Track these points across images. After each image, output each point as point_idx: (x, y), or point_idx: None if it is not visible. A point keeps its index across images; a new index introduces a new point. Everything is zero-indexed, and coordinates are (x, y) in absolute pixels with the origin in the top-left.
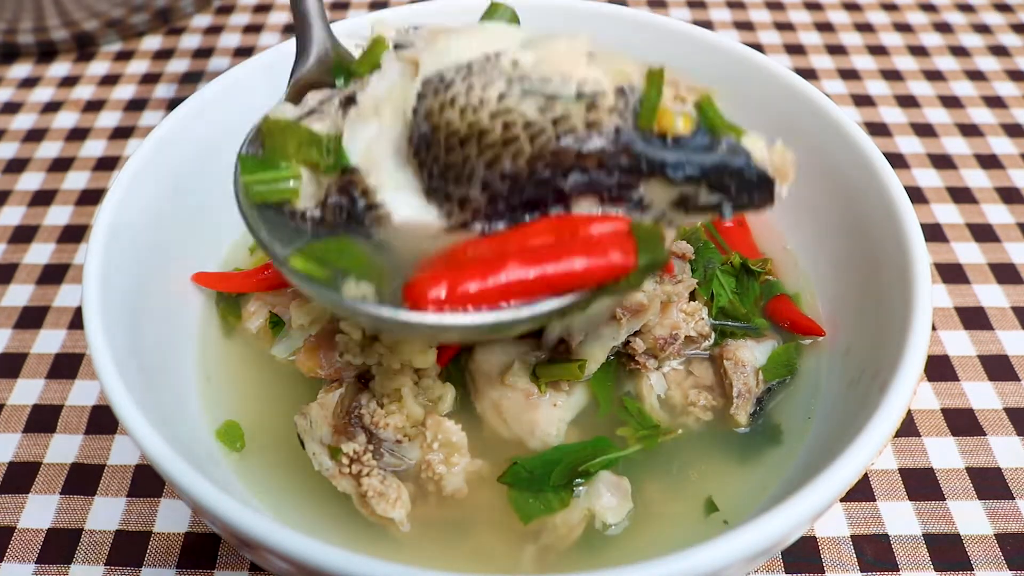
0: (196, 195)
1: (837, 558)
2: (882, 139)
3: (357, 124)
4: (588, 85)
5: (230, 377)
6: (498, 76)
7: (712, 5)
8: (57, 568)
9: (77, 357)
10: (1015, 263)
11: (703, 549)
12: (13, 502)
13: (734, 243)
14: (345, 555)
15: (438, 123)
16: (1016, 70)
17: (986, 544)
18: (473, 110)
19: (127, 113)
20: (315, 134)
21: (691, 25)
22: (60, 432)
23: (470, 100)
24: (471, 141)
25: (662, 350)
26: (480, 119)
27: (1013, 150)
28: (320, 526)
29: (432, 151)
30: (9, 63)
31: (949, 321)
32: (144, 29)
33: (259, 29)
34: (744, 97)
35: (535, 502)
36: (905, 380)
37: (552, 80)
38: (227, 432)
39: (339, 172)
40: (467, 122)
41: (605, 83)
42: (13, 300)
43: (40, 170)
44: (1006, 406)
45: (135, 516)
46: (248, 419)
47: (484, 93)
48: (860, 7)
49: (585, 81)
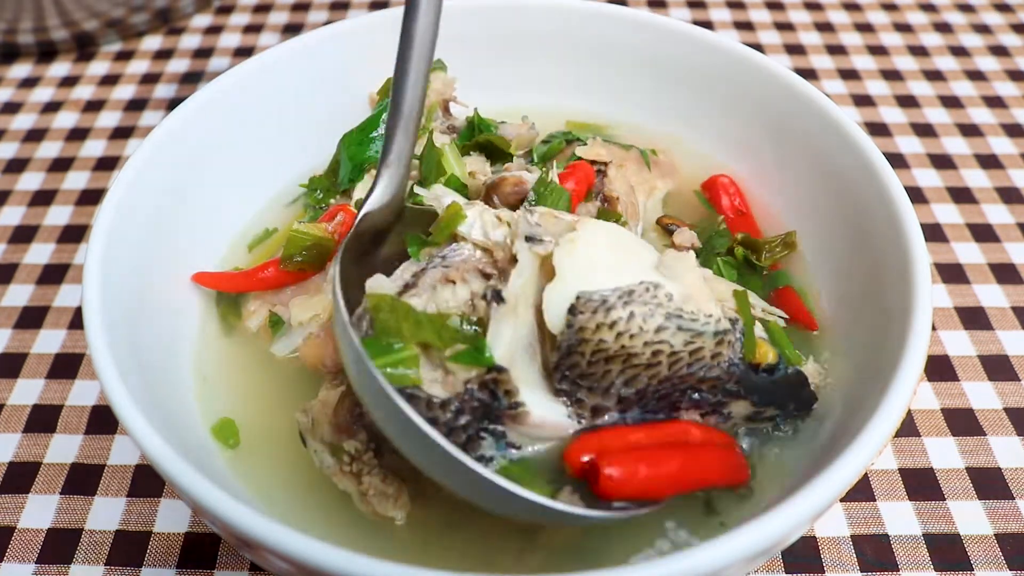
0: (196, 195)
1: (837, 558)
2: (882, 139)
3: (502, 322)
4: (721, 323)
5: (230, 376)
6: (656, 308)
7: (712, 5)
8: (57, 568)
9: (77, 357)
10: (1015, 263)
11: (703, 549)
12: (13, 502)
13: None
14: (345, 555)
15: (590, 339)
16: (1016, 70)
17: (986, 544)
18: (630, 336)
19: (127, 113)
20: (431, 318)
21: (691, 25)
22: (60, 432)
23: (630, 327)
24: (617, 359)
25: None
26: (634, 345)
27: (1013, 150)
28: (313, 523)
29: (572, 358)
30: (9, 63)
31: (949, 321)
32: (144, 29)
33: (259, 29)
34: (744, 97)
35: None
36: (905, 380)
37: (699, 318)
38: (222, 429)
39: (484, 369)
40: (620, 344)
41: (722, 317)
42: (13, 300)
43: (40, 170)
44: (1006, 406)
45: (135, 516)
46: (247, 417)
47: (644, 324)
48: (860, 7)
49: (719, 319)
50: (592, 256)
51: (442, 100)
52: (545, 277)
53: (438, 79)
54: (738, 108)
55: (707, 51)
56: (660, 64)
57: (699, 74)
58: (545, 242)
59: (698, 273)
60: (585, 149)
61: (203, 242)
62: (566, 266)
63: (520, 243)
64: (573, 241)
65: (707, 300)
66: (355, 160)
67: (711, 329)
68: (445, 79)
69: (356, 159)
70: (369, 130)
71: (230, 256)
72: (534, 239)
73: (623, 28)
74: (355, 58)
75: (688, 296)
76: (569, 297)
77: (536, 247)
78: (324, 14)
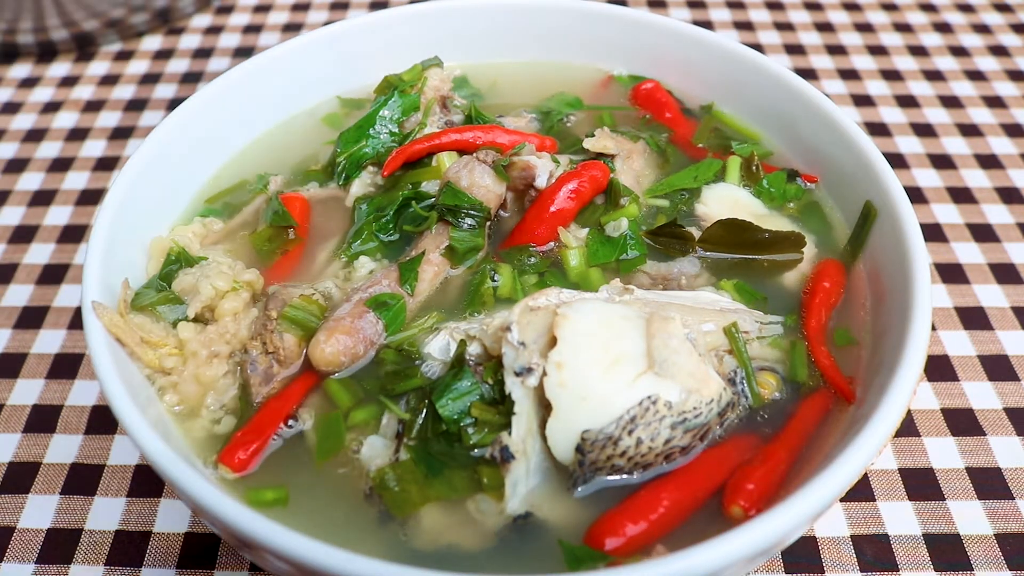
0: (196, 194)
1: (837, 558)
2: (882, 139)
3: (515, 470)
4: (723, 399)
5: None
6: (660, 423)
7: (712, 5)
8: (57, 568)
9: (77, 357)
10: (1015, 263)
11: (703, 549)
12: (13, 502)
13: None
14: (345, 555)
15: (603, 466)
16: (1016, 70)
17: (986, 544)
18: (641, 456)
19: (127, 113)
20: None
21: (691, 25)
22: (60, 432)
23: (640, 450)
24: (632, 465)
25: None
26: (647, 458)
27: (1013, 150)
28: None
29: (588, 476)
30: (9, 63)
31: (949, 321)
32: (144, 29)
33: (259, 29)
34: (744, 97)
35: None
36: (905, 380)
37: (701, 411)
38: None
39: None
40: (634, 463)
41: (723, 390)
42: (13, 300)
43: (40, 170)
44: (1006, 406)
45: (135, 516)
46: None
47: (653, 443)
48: (860, 7)
49: (720, 397)
50: (583, 373)
51: (439, 97)
52: (541, 404)
53: (435, 76)
54: (738, 108)
55: (707, 51)
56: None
57: (699, 74)
58: (534, 371)
59: (689, 348)
60: (592, 141)
61: None
62: (561, 398)
63: (511, 380)
64: (560, 366)
65: (705, 381)
66: (352, 157)
67: (716, 411)
68: (442, 76)
69: (353, 156)
70: (366, 127)
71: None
72: (523, 372)
73: (623, 28)
74: (355, 58)
75: (687, 390)
76: (571, 433)
77: (528, 380)
78: (324, 14)
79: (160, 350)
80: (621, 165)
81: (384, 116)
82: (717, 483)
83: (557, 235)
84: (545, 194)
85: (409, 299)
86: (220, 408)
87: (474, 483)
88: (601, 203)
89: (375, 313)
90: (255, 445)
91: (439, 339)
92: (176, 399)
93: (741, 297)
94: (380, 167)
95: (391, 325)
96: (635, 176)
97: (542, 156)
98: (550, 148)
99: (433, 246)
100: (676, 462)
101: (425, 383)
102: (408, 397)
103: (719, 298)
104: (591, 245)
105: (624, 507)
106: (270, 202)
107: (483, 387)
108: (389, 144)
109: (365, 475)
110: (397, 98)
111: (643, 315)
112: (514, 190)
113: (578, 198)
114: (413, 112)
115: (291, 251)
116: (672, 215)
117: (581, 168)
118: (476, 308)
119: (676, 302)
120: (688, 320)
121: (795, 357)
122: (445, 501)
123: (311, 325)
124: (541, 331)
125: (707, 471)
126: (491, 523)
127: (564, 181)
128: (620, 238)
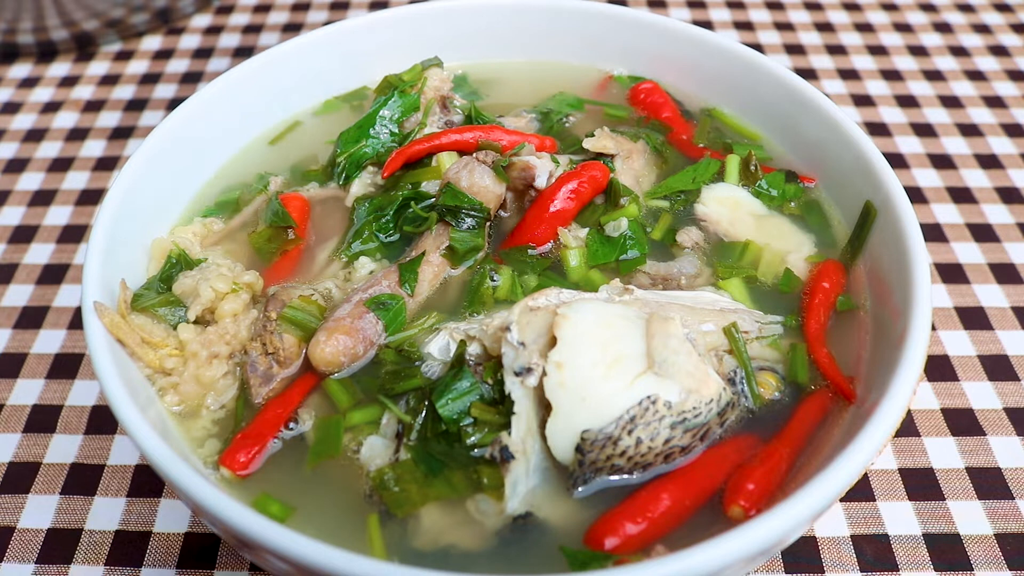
0: (195, 194)
1: (837, 558)
2: (882, 139)
3: (515, 470)
4: (723, 399)
5: None
6: (659, 423)
7: (712, 5)
8: (57, 568)
9: (77, 357)
10: (1015, 263)
11: (703, 549)
12: (13, 502)
13: None
14: (345, 555)
15: (603, 466)
16: (1016, 70)
17: (986, 544)
18: (641, 455)
19: (127, 113)
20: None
21: (691, 25)
22: (60, 432)
23: (640, 450)
24: (632, 465)
25: None
26: (646, 458)
27: (1013, 150)
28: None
29: (588, 475)
30: (9, 63)
31: (949, 321)
32: (144, 29)
33: (259, 29)
34: (744, 97)
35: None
36: (905, 380)
37: (701, 411)
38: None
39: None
40: (634, 462)
41: (723, 390)
42: (13, 300)
43: (40, 170)
44: (1006, 406)
45: (135, 516)
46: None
47: (652, 442)
48: (860, 7)
49: (719, 397)
50: (582, 373)
51: (439, 97)
52: (541, 404)
53: (435, 76)
54: (738, 108)
55: (707, 51)
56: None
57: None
58: (534, 371)
59: (688, 348)
60: (592, 141)
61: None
62: (561, 398)
63: (510, 380)
64: (560, 366)
65: (705, 381)
66: (352, 157)
67: (715, 411)
68: (442, 76)
69: (353, 156)
70: (366, 127)
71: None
72: (522, 372)
73: (623, 28)
74: (355, 57)
75: (687, 390)
76: (571, 433)
77: (527, 380)
78: (324, 14)
79: (161, 351)
80: (621, 165)
81: (384, 116)
82: (717, 483)
83: (557, 235)
84: (545, 194)
85: (409, 299)
86: (220, 408)
87: (474, 483)
88: (601, 203)
89: (375, 313)
90: (256, 448)
91: (439, 339)
92: (176, 399)
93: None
94: (380, 167)
95: (391, 325)
96: (635, 176)
97: (542, 156)
98: (550, 148)
99: (433, 247)
100: (676, 462)
101: (425, 383)
102: (408, 397)
103: (719, 298)
104: (591, 245)
105: (624, 507)
106: (270, 202)
107: (483, 387)
108: (389, 144)
109: (365, 475)
110: (397, 98)
111: (643, 315)
112: (514, 190)
113: (578, 198)
114: (413, 112)
115: (291, 251)
116: (672, 215)
117: (581, 168)
118: (476, 308)
119: (676, 302)
120: (688, 320)
121: (795, 357)
122: (445, 501)
123: (311, 326)
124: (541, 331)
125: (707, 471)
126: (491, 523)
127: (564, 181)
128: (620, 238)
